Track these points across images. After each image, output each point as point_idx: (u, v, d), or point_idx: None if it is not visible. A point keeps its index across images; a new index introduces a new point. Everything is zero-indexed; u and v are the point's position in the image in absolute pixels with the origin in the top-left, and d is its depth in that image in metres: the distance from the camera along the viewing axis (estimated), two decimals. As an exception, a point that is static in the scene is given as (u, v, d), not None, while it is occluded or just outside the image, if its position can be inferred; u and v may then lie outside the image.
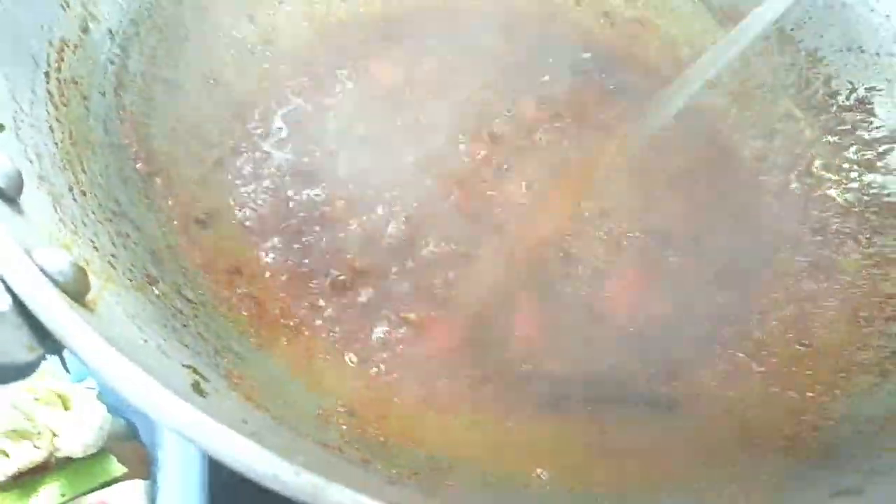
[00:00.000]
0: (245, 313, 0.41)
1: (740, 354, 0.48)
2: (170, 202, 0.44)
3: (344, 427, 0.37)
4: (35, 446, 0.48)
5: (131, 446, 0.53)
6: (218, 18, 0.54)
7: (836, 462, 0.40)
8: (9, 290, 0.25)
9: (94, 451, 0.50)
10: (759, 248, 0.57)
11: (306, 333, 0.43)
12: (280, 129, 0.53)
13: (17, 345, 0.23)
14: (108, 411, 0.52)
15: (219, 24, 0.54)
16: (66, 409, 0.51)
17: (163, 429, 0.52)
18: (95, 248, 0.34)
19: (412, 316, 0.44)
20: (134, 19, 0.47)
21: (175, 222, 0.43)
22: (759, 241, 0.57)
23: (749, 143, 0.63)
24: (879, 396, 0.44)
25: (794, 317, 0.52)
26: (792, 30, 0.64)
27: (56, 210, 0.33)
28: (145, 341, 0.30)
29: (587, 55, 0.68)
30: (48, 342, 0.25)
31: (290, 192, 0.49)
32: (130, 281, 0.35)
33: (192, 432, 0.23)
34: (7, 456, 0.47)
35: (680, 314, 0.48)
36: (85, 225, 0.35)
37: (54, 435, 0.49)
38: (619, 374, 0.44)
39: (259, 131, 0.52)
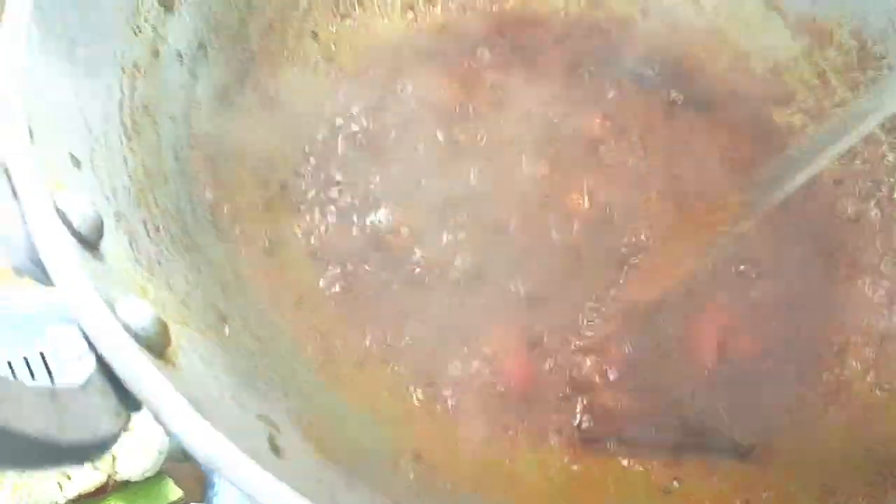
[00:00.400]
0: (310, 348, 0.41)
1: (819, 398, 0.46)
2: (237, 230, 0.43)
3: (412, 475, 0.36)
4: (95, 468, 0.49)
5: (188, 467, 0.54)
6: (283, 37, 0.53)
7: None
8: (94, 350, 0.24)
9: (152, 474, 0.51)
10: (836, 279, 0.54)
11: (370, 369, 0.42)
12: (343, 150, 0.52)
13: (106, 414, 0.22)
14: (166, 431, 0.52)
15: (283, 43, 0.53)
16: (126, 430, 0.51)
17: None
18: (170, 287, 0.34)
19: (486, 350, 0.42)
20: (201, 41, 0.46)
21: (242, 252, 0.43)
22: (836, 273, 0.54)
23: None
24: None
25: (874, 357, 0.49)
26: (874, 44, 0.60)
27: (133, 249, 0.33)
28: (221, 394, 0.30)
29: (654, 69, 0.65)
30: (132, 403, 0.25)
31: (353, 218, 0.48)
32: (203, 322, 0.34)
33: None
34: (69, 479, 0.48)
35: (759, 353, 0.46)
36: (160, 264, 0.34)
37: (114, 457, 0.49)
38: (697, 418, 0.42)
39: (322, 154, 0.51)
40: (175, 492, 0.50)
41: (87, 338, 0.24)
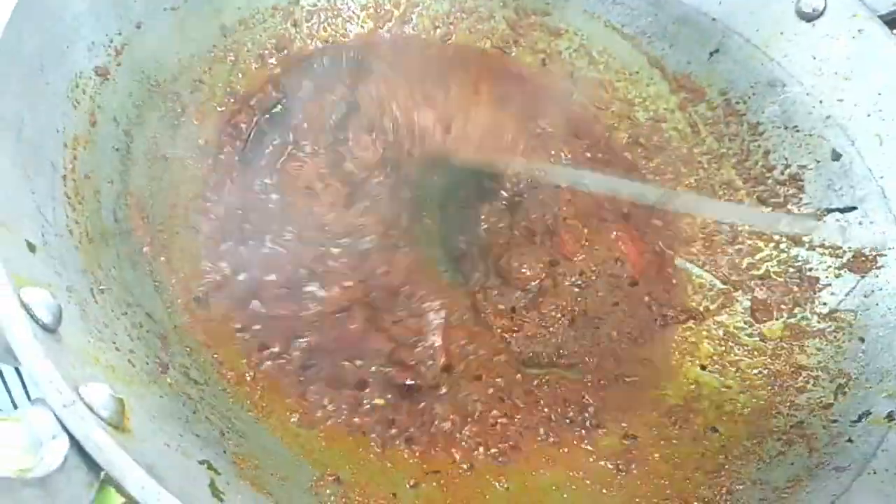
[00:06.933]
0: (247, 388, 0.47)
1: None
2: (173, 280, 0.48)
3: (332, 497, 0.43)
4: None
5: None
6: (212, 88, 0.57)
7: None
8: (68, 433, 0.29)
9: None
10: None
11: (303, 403, 0.48)
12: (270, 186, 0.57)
13: (83, 486, 0.28)
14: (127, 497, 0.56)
15: (213, 93, 0.57)
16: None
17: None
18: (117, 348, 0.39)
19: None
20: (136, 102, 0.50)
21: (179, 300, 0.47)
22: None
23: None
24: (785, 463, 0.52)
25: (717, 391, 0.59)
26: (737, 103, 0.70)
27: (83, 319, 0.37)
28: (167, 445, 0.35)
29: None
30: (98, 467, 0.30)
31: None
32: (147, 375, 0.39)
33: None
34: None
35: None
36: (106, 326, 0.39)
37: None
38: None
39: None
40: (116, 499, 0.54)
41: (60, 422, 0.30)
